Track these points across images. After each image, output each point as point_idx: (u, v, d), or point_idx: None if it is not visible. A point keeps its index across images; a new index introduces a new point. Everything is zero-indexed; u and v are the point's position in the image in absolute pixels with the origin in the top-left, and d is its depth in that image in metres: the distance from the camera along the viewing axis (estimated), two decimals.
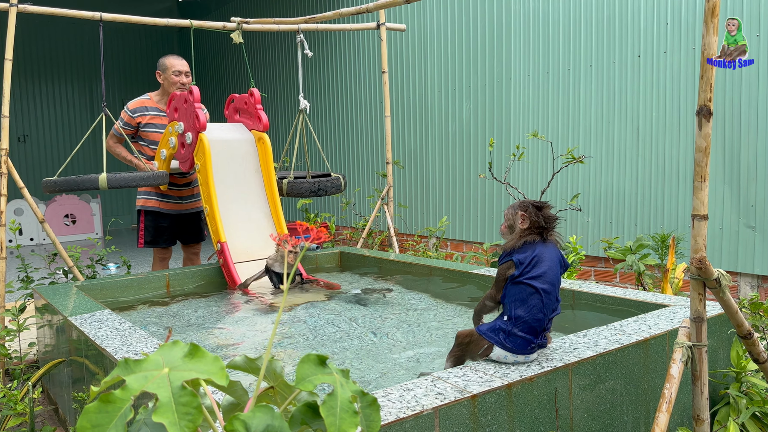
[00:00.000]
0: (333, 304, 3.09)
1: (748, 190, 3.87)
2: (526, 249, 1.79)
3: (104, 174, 3.45)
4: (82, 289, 3.13)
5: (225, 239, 3.47)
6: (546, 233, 1.81)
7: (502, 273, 1.80)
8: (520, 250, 1.79)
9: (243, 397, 0.97)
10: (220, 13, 9.98)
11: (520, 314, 1.72)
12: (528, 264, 1.75)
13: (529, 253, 1.77)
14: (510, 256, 1.80)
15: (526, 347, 1.72)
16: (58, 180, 3.54)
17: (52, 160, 10.88)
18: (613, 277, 4.59)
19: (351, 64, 7.16)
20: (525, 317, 1.71)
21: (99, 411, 0.74)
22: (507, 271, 1.78)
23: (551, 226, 1.83)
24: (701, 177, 1.61)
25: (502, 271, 1.80)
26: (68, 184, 3.50)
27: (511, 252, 1.80)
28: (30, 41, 10.54)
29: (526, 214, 1.82)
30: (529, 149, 5.04)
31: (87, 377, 2.30)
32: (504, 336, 1.72)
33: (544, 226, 1.81)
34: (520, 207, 1.85)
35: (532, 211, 1.82)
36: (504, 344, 1.72)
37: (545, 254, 1.78)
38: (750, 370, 2.12)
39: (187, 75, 3.99)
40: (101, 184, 3.44)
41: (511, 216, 1.86)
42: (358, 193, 7.07)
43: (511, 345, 1.72)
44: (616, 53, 4.49)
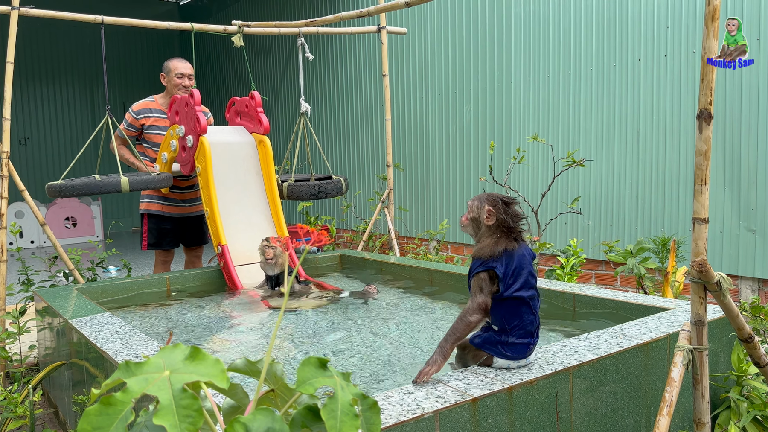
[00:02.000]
0: (333, 307, 3.09)
1: (748, 194, 3.87)
2: (504, 258, 1.67)
3: (125, 177, 3.40)
4: (83, 292, 3.13)
5: (225, 242, 3.47)
6: (516, 235, 1.70)
7: (485, 281, 1.67)
8: (500, 260, 1.67)
9: (244, 400, 0.97)
10: (222, 16, 10.00)
11: (515, 323, 1.69)
12: (510, 275, 1.66)
13: (508, 263, 1.66)
14: (489, 265, 1.67)
15: (525, 351, 1.72)
16: (75, 182, 3.38)
17: (53, 163, 10.89)
18: (613, 281, 4.59)
19: (352, 68, 7.17)
20: (519, 325, 1.70)
21: (100, 413, 0.74)
22: (492, 282, 1.66)
23: (518, 225, 1.70)
24: (702, 180, 1.61)
25: (485, 279, 1.67)
26: (88, 187, 3.34)
27: (489, 260, 1.67)
28: (31, 44, 10.56)
29: (494, 209, 1.68)
30: (529, 152, 5.04)
31: (87, 380, 2.30)
32: (502, 346, 1.70)
33: (511, 225, 1.69)
34: (487, 200, 1.70)
35: (501, 207, 1.68)
36: (504, 353, 1.71)
37: (522, 260, 1.69)
38: (751, 374, 2.12)
39: (190, 78, 4.00)
40: (123, 187, 3.36)
41: (476, 209, 1.71)
42: (359, 196, 7.08)
43: (512, 353, 1.71)
44: (617, 57, 4.49)
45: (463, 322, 1.68)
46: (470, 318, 1.67)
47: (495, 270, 1.67)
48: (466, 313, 1.68)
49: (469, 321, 1.67)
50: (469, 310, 1.68)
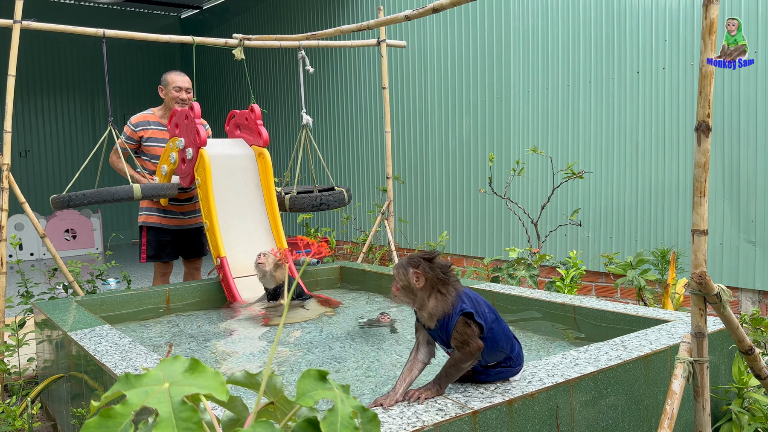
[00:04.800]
0: (333, 320, 3.08)
1: (747, 205, 3.88)
2: (462, 298, 1.66)
3: (137, 185, 3.44)
4: (82, 304, 3.12)
5: (225, 254, 3.47)
6: (452, 283, 1.66)
7: (466, 332, 1.62)
8: (461, 300, 1.65)
9: (243, 412, 0.96)
10: (222, 29, 10.06)
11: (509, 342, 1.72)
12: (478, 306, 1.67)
13: (468, 300, 1.66)
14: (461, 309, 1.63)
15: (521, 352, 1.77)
16: (87, 192, 3.42)
17: (53, 175, 10.91)
18: (613, 293, 4.58)
19: (352, 80, 7.20)
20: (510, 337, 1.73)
21: (99, 426, 0.74)
22: (473, 330, 1.63)
23: (450, 274, 1.67)
24: (701, 192, 1.62)
25: (466, 330, 1.62)
26: (101, 195, 3.40)
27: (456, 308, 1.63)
28: (33, 57, 10.61)
29: (420, 271, 1.64)
30: (529, 164, 5.05)
31: (86, 393, 2.29)
32: (514, 365, 1.74)
33: (442, 276, 1.65)
34: (410, 265, 1.65)
35: (425, 266, 1.64)
36: (515, 369, 1.75)
37: (471, 294, 1.71)
38: (752, 386, 2.11)
39: (188, 91, 4.01)
40: (136, 194, 3.42)
41: (403, 276, 1.65)
42: (359, 207, 7.08)
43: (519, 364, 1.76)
44: (615, 69, 4.52)
45: (458, 370, 1.65)
46: (464, 365, 1.64)
47: (474, 318, 1.64)
48: (460, 361, 1.63)
49: (464, 368, 1.65)
50: (464, 359, 1.63)
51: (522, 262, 3.68)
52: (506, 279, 3.60)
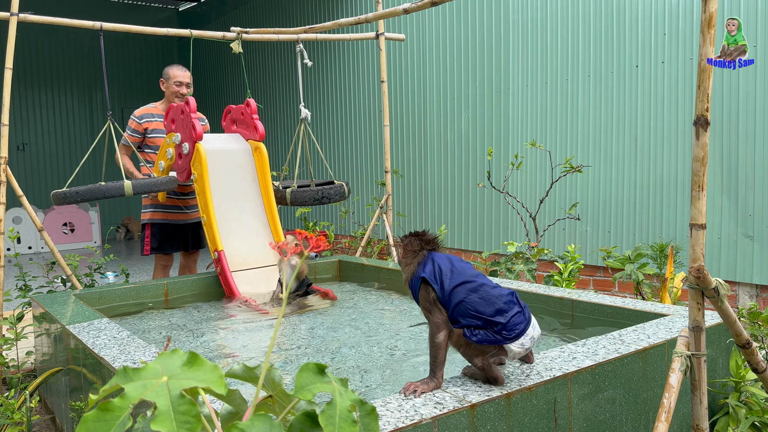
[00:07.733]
0: (331, 313, 3.08)
1: (746, 200, 3.88)
2: (424, 264, 1.72)
3: (128, 181, 3.43)
4: (80, 298, 3.12)
5: (222, 248, 3.47)
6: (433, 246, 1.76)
7: (425, 297, 1.68)
8: (421, 267, 1.71)
9: (241, 406, 0.97)
10: (220, 23, 10.02)
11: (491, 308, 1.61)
12: (438, 271, 1.68)
13: (430, 265, 1.70)
14: (417, 278, 1.70)
15: (523, 319, 1.62)
16: (79, 189, 3.42)
17: (50, 169, 10.88)
18: (611, 287, 4.59)
19: (350, 74, 7.18)
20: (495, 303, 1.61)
21: (97, 419, 0.74)
22: (429, 295, 1.67)
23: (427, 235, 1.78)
24: (699, 186, 1.62)
25: (424, 295, 1.68)
26: (92, 192, 3.39)
27: (414, 275, 1.72)
28: (30, 50, 10.57)
29: (402, 242, 1.78)
30: (527, 158, 5.05)
31: (85, 386, 2.29)
32: (500, 332, 1.59)
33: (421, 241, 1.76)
34: (401, 241, 1.80)
35: (409, 239, 1.77)
36: (508, 337, 1.60)
37: (444, 257, 1.73)
38: (749, 380, 2.12)
39: (187, 86, 4.02)
40: (127, 191, 3.39)
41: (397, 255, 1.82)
42: (357, 201, 7.08)
43: (513, 332, 1.60)
44: (614, 63, 4.51)
45: (434, 346, 1.65)
46: (437, 340, 1.65)
47: (423, 276, 1.68)
48: (432, 336, 1.67)
49: (438, 342, 1.65)
50: (433, 333, 1.66)
51: (520, 256, 3.68)
52: (504, 273, 3.61)
